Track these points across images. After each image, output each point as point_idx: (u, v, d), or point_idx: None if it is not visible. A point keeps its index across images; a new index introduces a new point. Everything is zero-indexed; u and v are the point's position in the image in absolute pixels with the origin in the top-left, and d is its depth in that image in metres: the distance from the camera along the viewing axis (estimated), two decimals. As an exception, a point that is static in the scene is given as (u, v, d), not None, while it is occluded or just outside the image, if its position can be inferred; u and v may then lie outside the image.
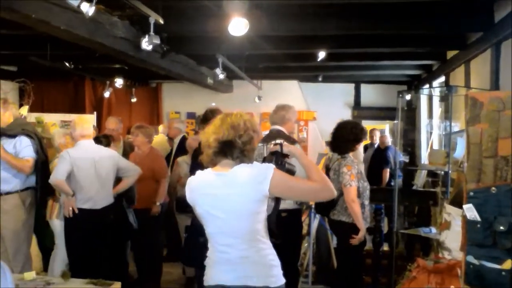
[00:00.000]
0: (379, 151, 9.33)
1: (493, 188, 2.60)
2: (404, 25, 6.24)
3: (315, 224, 5.81)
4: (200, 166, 2.83)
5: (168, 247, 6.88)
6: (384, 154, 9.11)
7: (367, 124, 8.60)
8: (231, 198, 2.50)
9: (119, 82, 11.15)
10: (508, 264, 2.57)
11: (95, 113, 10.38)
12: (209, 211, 2.57)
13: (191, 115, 12.77)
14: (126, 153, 6.12)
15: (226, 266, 2.56)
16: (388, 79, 11.79)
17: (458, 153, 5.35)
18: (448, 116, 6.05)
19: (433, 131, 9.47)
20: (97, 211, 4.73)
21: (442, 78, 9.03)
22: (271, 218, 2.69)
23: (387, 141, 9.40)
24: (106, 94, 11.95)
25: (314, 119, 12.32)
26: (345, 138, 4.60)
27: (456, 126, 6.80)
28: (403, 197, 5.83)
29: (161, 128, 9.18)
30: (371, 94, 12.45)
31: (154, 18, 5.31)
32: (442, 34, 7.15)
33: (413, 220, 7.00)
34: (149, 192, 5.51)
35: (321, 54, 7.85)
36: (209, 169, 2.63)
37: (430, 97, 9.79)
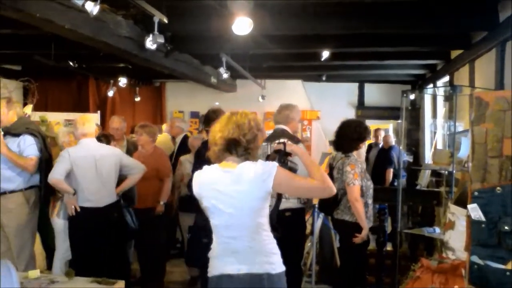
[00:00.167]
0: (383, 151, 9.32)
1: (498, 188, 2.59)
2: (408, 25, 6.22)
3: (318, 223, 5.80)
4: (203, 164, 2.89)
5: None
6: (387, 154, 9.09)
7: (370, 123, 8.57)
8: (236, 194, 2.62)
9: (123, 81, 11.16)
10: (513, 264, 2.56)
11: (99, 112, 10.38)
12: (215, 205, 2.68)
13: (194, 115, 12.79)
14: (129, 152, 6.12)
15: (229, 257, 2.67)
16: (392, 78, 11.78)
17: (462, 153, 5.33)
18: (452, 116, 6.03)
19: (437, 131, 9.44)
20: (100, 210, 4.74)
21: (446, 78, 9.00)
22: (272, 216, 2.81)
23: (391, 140, 9.38)
24: (110, 93, 11.97)
25: (318, 119, 12.32)
26: (349, 137, 4.60)
27: (460, 126, 6.78)
28: (407, 197, 5.82)
29: (164, 127, 9.20)
30: (375, 94, 12.44)
31: (158, 17, 5.31)
32: (446, 34, 7.14)
33: (417, 220, 6.99)
34: (153, 191, 5.51)
35: (325, 54, 7.85)
36: (216, 165, 2.75)
37: (434, 97, 9.76)
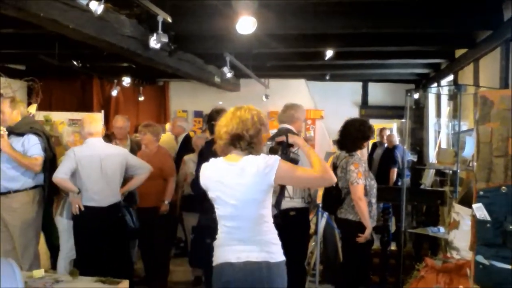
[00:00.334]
0: (387, 150, 9.30)
1: (504, 187, 2.58)
2: (412, 24, 6.20)
3: (322, 223, 5.80)
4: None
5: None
6: (391, 154, 9.08)
7: (374, 123, 8.56)
8: (240, 187, 2.73)
9: (127, 80, 11.16)
10: (518, 264, 2.55)
11: (102, 111, 10.38)
12: (220, 196, 2.80)
13: (198, 114, 12.79)
14: (133, 151, 6.12)
15: (231, 246, 2.79)
16: (396, 77, 11.75)
17: (467, 152, 5.32)
18: (457, 115, 6.01)
19: (441, 130, 9.42)
20: (104, 209, 4.74)
21: (450, 77, 8.97)
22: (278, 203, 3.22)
23: (395, 140, 9.36)
24: (114, 92, 11.98)
25: (322, 118, 12.29)
26: (353, 136, 4.60)
27: (464, 125, 6.76)
28: (411, 196, 5.81)
29: (168, 127, 9.19)
30: (379, 93, 12.42)
31: (162, 16, 5.31)
32: (450, 33, 7.11)
33: (421, 220, 6.98)
34: (157, 190, 5.52)
35: (329, 53, 7.83)
36: (222, 158, 2.86)
37: (438, 96, 9.73)
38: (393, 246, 6.27)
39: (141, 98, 12.57)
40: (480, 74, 6.89)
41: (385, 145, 9.48)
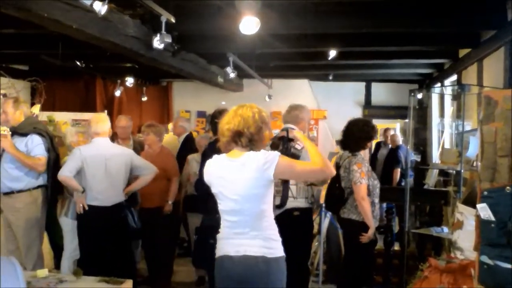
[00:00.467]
0: (390, 151, 9.28)
1: (508, 187, 2.57)
2: (416, 23, 6.20)
3: (325, 223, 5.79)
4: None
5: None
6: (395, 154, 9.06)
7: (377, 123, 8.55)
8: (240, 182, 2.79)
9: (130, 81, 11.18)
10: (523, 264, 2.54)
11: (105, 111, 10.39)
12: (221, 192, 2.87)
13: (201, 114, 12.80)
14: (136, 151, 6.09)
15: (231, 239, 2.86)
16: (399, 77, 11.73)
17: (470, 152, 5.30)
18: (460, 115, 6.00)
19: (444, 130, 9.40)
20: (107, 209, 4.74)
21: (454, 77, 8.96)
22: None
23: (398, 140, 9.34)
24: (117, 93, 11.98)
25: (325, 118, 12.29)
26: (356, 136, 4.59)
27: (468, 125, 6.75)
28: (414, 196, 5.79)
29: (171, 127, 9.19)
30: (382, 93, 12.40)
31: (165, 17, 5.31)
32: (454, 32, 7.10)
33: (425, 220, 6.95)
34: (160, 190, 5.50)
35: (332, 53, 7.82)
36: (224, 155, 2.93)
37: (441, 96, 9.71)
38: (396, 246, 6.26)
39: (144, 98, 12.58)
40: (484, 74, 6.87)
41: (389, 145, 9.46)
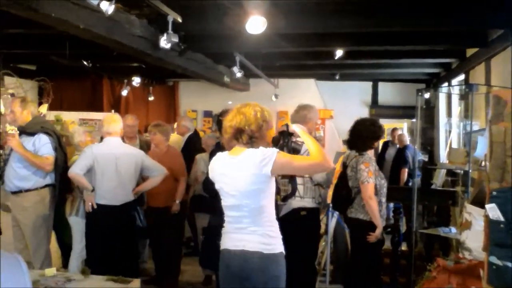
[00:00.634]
0: (398, 150, 9.25)
1: (517, 187, 2.56)
2: (423, 23, 6.16)
3: (333, 222, 5.78)
4: None
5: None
6: (402, 154, 9.02)
7: (384, 122, 8.52)
8: (240, 179, 2.86)
9: (137, 80, 11.20)
10: (532, 265, 2.52)
11: (113, 111, 10.43)
12: (223, 188, 2.96)
13: (207, 114, 12.82)
14: (143, 151, 6.13)
15: (232, 234, 2.95)
16: (406, 77, 11.70)
17: (478, 152, 5.27)
18: (468, 115, 5.97)
19: (452, 130, 9.36)
20: (116, 208, 4.74)
21: (461, 77, 8.91)
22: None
23: (405, 139, 9.30)
24: (124, 92, 12.01)
25: (331, 118, 12.27)
26: (363, 136, 4.57)
27: (475, 125, 6.71)
28: (422, 196, 5.76)
29: (175, 126, 9.19)
30: (389, 93, 12.37)
31: (172, 16, 5.31)
32: (461, 32, 7.06)
33: (433, 220, 6.93)
34: (168, 190, 5.49)
35: (339, 52, 7.80)
36: (226, 152, 3.01)
37: (449, 96, 9.67)
38: (403, 246, 6.23)
39: (151, 98, 12.61)
40: (492, 73, 6.83)
41: (397, 145, 9.43)
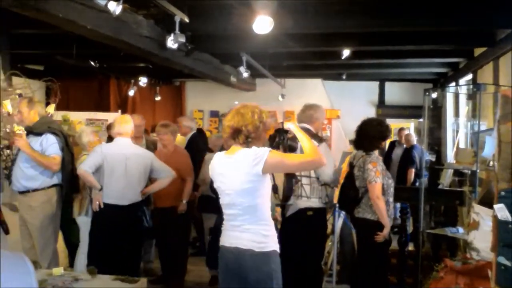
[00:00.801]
0: (405, 150, 9.21)
1: (526, 187, 2.54)
2: (430, 22, 6.13)
3: (339, 223, 5.76)
4: None
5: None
6: (409, 154, 8.98)
7: (391, 122, 8.50)
8: (234, 177, 2.95)
9: (143, 80, 11.22)
10: (541, 265, 2.50)
11: (119, 111, 10.46)
12: (220, 187, 3.06)
13: (214, 114, 12.83)
14: (149, 151, 6.13)
15: (229, 231, 3.05)
16: (413, 77, 11.66)
17: (486, 152, 5.23)
18: (476, 115, 5.93)
19: (459, 130, 9.32)
20: (122, 208, 4.73)
21: (469, 76, 8.87)
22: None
23: (413, 139, 9.26)
24: (131, 92, 12.04)
25: (338, 118, 12.24)
26: (370, 136, 4.56)
27: (483, 125, 6.67)
28: (429, 196, 5.74)
29: (178, 127, 9.17)
30: (396, 92, 12.33)
31: (179, 16, 5.32)
32: (469, 31, 7.02)
33: (440, 220, 6.90)
34: (175, 190, 5.48)
35: (345, 52, 7.78)
36: (224, 152, 3.11)
37: (456, 95, 9.63)
38: (410, 247, 6.21)
39: (157, 98, 12.63)
40: (500, 73, 6.79)
41: (404, 145, 9.39)
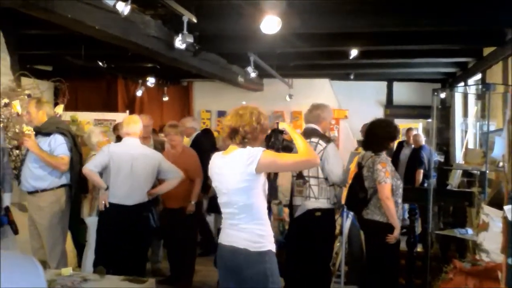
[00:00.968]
0: (413, 151, 9.16)
1: (537, 188, 2.52)
2: (439, 22, 6.11)
3: (347, 223, 5.74)
4: None
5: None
6: (417, 154, 8.93)
7: (399, 122, 8.46)
8: (228, 177, 3.01)
9: (151, 81, 11.25)
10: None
11: (127, 112, 10.48)
12: (217, 186, 3.12)
13: (221, 114, 12.83)
14: (157, 151, 6.13)
15: (226, 229, 3.10)
16: (422, 77, 11.61)
17: (496, 153, 5.20)
18: (485, 115, 5.90)
19: (468, 130, 9.27)
20: (128, 208, 4.70)
21: (478, 76, 8.82)
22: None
23: (421, 140, 9.21)
24: (139, 93, 12.07)
25: (346, 118, 12.22)
26: (379, 136, 4.54)
27: (492, 125, 6.63)
28: (438, 197, 5.70)
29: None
30: (404, 92, 12.29)
31: (187, 17, 5.32)
32: (478, 30, 6.98)
33: (449, 221, 6.86)
34: (183, 191, 5.47)
35: (353, 52, 7.76)
36: (221, 152, 3.17)
37: (465, 95, 9.58)
38: (419, 248, 6.18)
39: (165, 98, 12.66)
40: (510, 72, 6.74)
41: (412, 145, 9.34)
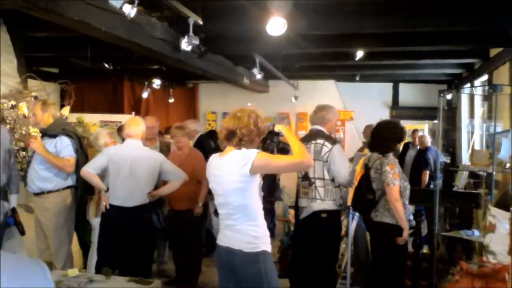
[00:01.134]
0: (419, 152, 9.14)
1: (544, 190, 2.50)
2: (445, 22, 6.07)
3: (353, 225, 5.73)
4: None
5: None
6: (423, 156, 8.90)
7: (405, 124, 8.42)
8: (224, 178, 3.07)
9: (157, 82, 11.26)
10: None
11: (133, 113, 10.50)
12: (213, 187, 3.19)
13: (227, 115, 12.82)
14: (163, 153, 6.12)
15: (223, 230, 3.16)
16: (428, 78, 11.57)
17: (503, 154, 5.18)
18: (492, 116, 5.87)
19: (474, 131, 9.23)
20: (128, 209, 4.69)
21: (484, 77, 8.78)
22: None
23: (427, 141, 9.18)
24: (144, 94, 12.09)
25: (351, 119, 12.19)
26: (386, 138, 4.52)
27: (499, 126, 6.60)
28: (444, 199, 5.68)
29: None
30: (410, 94, 12.25)
31: (193, 18, 5.32)
32: (484, 31, 6.95)
33: (455, 222, 6.83)
34: (190, 193, 5.48)
35: (359, 53, 7.74)
36: (218, 153, 3.21)
37: (471, 97, 9.54)
38: (425, 249, 6.16)
39: (171, 100, 12.67)
40: (517, 73, 6.72)
41: (418, 147, 9.32)
